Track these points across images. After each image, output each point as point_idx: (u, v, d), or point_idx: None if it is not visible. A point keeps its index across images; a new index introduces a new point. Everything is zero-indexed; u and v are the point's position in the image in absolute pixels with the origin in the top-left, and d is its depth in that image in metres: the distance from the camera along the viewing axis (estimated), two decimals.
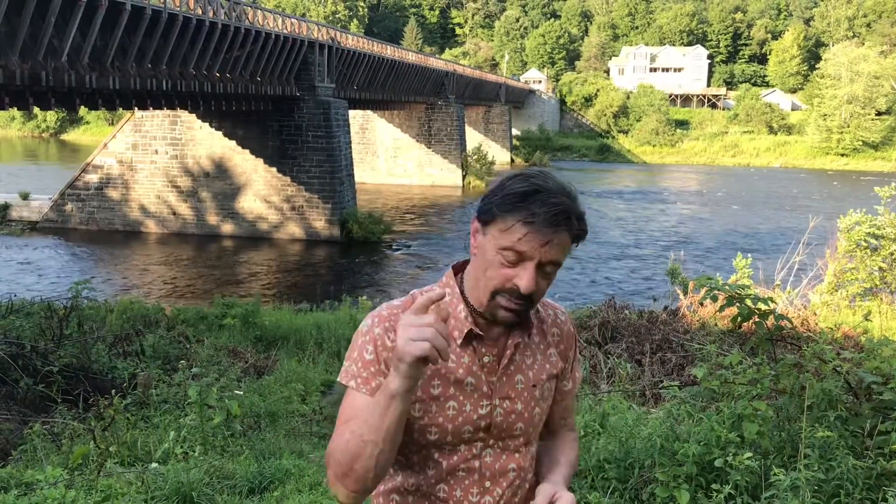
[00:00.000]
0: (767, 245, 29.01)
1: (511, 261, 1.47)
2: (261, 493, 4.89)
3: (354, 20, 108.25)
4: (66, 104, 22.22)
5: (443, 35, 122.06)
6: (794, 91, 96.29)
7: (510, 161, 70.63)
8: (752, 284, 8.83)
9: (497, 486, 1.60)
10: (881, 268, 10.78)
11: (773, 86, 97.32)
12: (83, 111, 59.72)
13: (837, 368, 3.91)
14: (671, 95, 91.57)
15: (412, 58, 46.13)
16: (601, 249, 28.73)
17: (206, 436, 5.72)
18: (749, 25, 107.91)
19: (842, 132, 75.60)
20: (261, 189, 30.47)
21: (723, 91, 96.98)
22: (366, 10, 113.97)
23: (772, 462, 3.55)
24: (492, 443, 1.58)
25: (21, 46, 18.42)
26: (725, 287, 4.35)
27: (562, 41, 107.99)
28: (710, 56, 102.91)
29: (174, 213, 31.16)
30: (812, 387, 3.76)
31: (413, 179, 50.47)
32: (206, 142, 30.72)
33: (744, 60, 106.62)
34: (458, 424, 1.54)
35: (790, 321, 5.07)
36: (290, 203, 30.27)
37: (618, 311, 9.59)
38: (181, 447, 5.42)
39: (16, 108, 21.60)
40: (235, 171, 30.67)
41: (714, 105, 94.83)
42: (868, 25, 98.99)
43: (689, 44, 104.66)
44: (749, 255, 10.03)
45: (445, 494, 1.57)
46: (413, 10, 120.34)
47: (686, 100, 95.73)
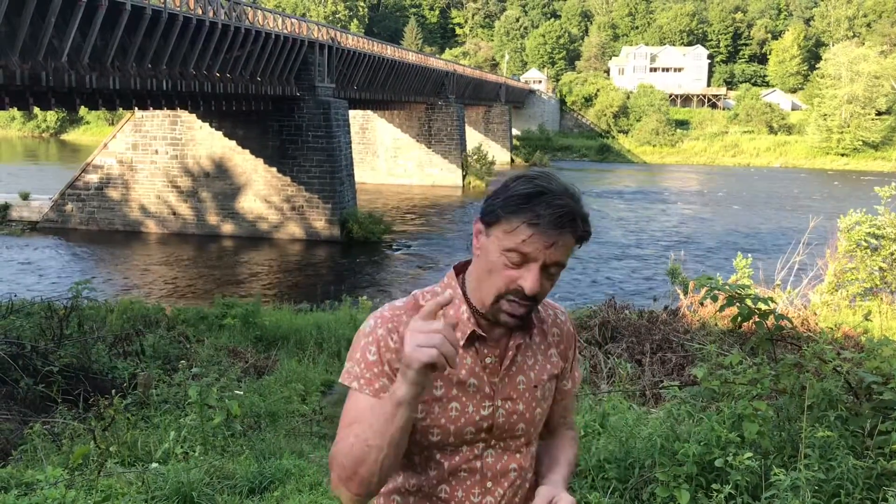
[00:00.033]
0: (768, 245, 29.01)
1: (515, 262, 1.46)
2: (261, 493, 4.88)
3: (354, 20, 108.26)
4: (67, 104, 22.23)
5: (443, 35, 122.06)
6: (795, 91, 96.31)
7: (510, 161, 70.63)
8: (753, 284, 8.82)
9: (498, 487, 1.60)
10: (881, 268, 10.78)
11: (774, 86, 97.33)
12: (83, 111, 59.74)
13: (838, 368, 3.91)
14: (671, 95, 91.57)
15: (412, 58, 46.13)
16: (602, 249, 28.74)
17: (207, 436, 5.72)
18: (749, 25, 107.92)
19: (842, 132, 75.59)
20: (261, 189, 30.47)
21: (723, 91, 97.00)
22: (366, 10, 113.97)
23: (772, 462, 3.55)
24: (493, 443, 1.58)
25: (21, 46, 18.43)
26: (726, 287, 4.36)
27: (562, 41, 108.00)
28: (710, 56, 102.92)
29: (174, 213, 31.16)
30: (812, 387, 3.76)
31: (413, 179, 50.45)
32: (207, 142, 30.72)
33: (744, 60, 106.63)
34: (461, 425, 1.53)
35: (790, 321, 5.08)
36: (291, 203, 30.26)
37: (618, 311, 9.58)
38: (181, 447, 5.41)
39: (16, 109, 21.61)
40: (235, 171, 30.67)
41: (714, 105, 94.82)
42: (868, 25, 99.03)
43: (690, 44, 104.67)
44: (749, 255, 10.01)
45: (447, 495, 1.57)
46: (413, 10, 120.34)
47: (686, 100, 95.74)
